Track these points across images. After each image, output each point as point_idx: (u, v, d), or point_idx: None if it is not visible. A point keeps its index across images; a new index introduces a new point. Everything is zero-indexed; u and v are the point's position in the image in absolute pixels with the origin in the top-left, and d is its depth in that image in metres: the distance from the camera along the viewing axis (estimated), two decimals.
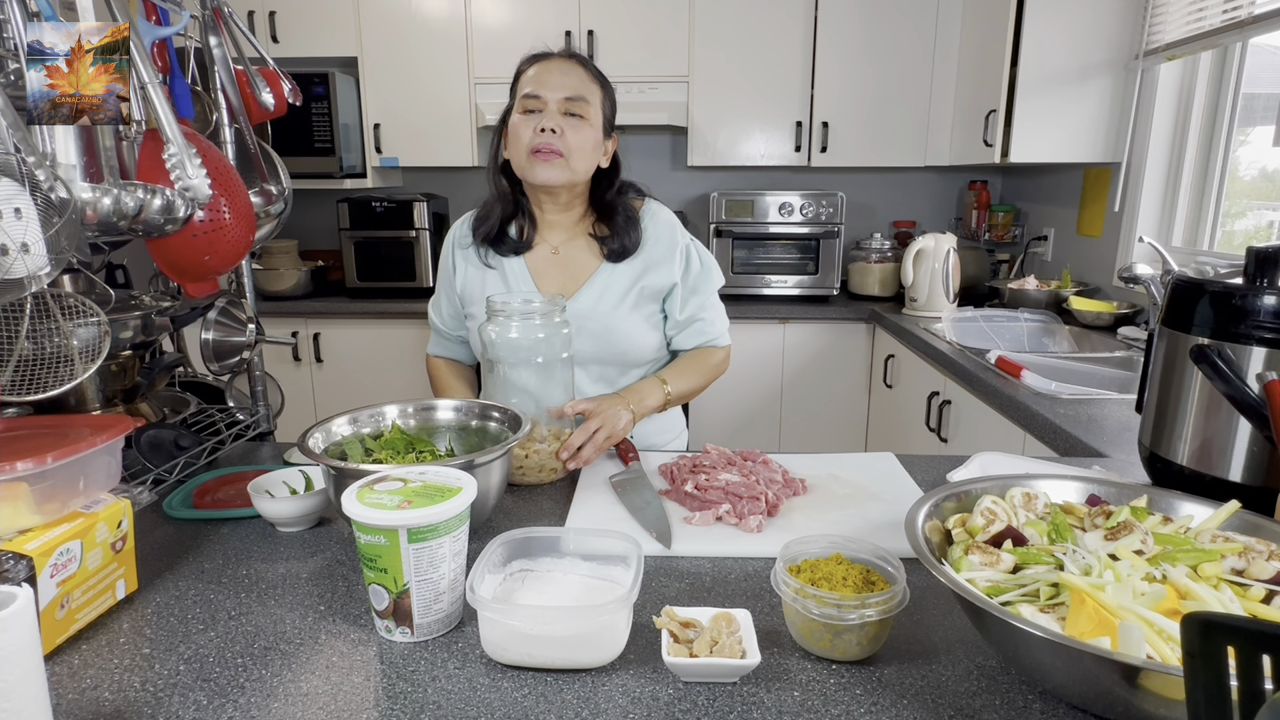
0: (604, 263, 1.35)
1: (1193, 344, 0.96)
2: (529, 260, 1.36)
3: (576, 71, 1.28)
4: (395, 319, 3.04)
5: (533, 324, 1.13)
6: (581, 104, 1.26)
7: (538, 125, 1.24)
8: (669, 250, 1.36)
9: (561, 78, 1.26)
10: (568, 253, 1.37)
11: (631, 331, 1.34)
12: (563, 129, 1.24)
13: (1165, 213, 2.47)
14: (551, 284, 1.35)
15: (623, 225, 1.34)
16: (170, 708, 0.65)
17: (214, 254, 1.09)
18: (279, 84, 1.31)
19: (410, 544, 0.70)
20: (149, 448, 1.08)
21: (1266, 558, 0.68)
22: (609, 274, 1.35)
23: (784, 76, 3.07)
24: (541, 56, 1.30)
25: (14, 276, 0.81)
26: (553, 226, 1.37)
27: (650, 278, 1.35)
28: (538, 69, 1.28)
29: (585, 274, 1.35)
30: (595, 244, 1.36)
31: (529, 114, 1.26)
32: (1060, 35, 2.47)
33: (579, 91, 1.26)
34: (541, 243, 1.37)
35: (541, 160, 1.25)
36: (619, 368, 1.37)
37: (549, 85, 1.25)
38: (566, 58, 1.30)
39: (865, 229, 3.43)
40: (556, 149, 1.24)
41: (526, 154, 1.25)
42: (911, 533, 0.73)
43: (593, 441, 1.14)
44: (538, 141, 1.24)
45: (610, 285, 1.34)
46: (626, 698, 0.66)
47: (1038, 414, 1.55)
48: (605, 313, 1.33)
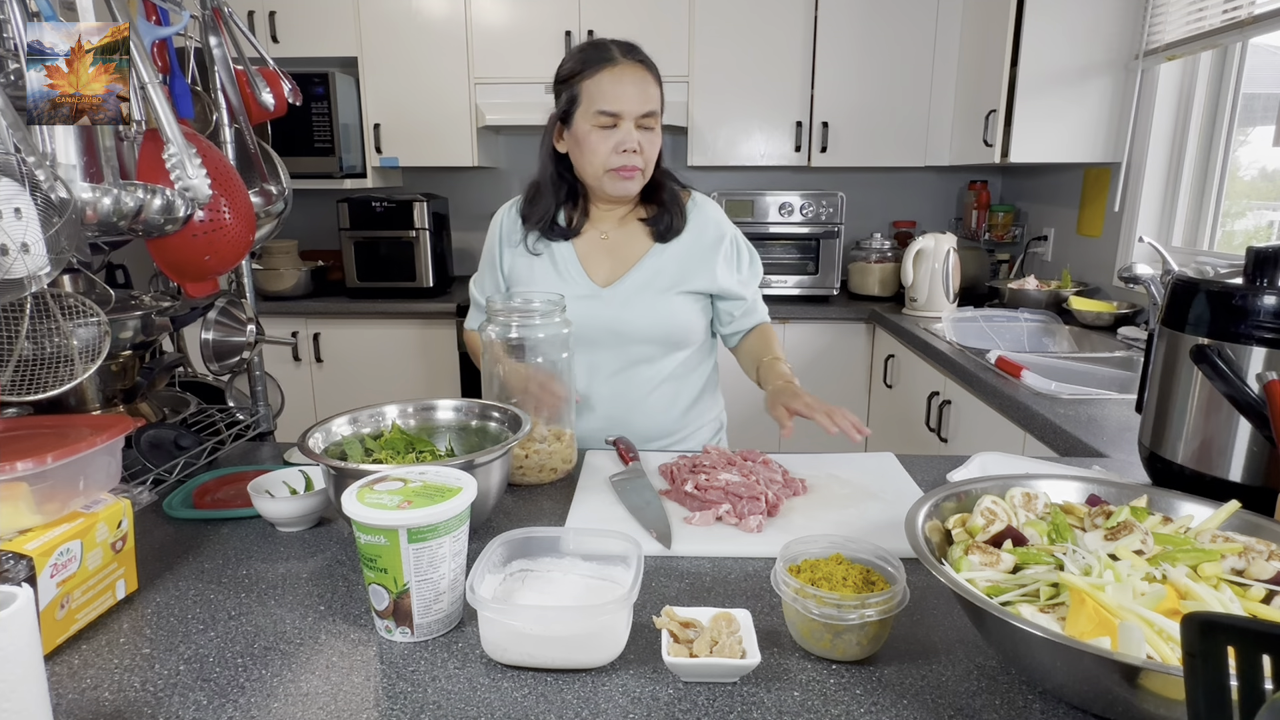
0: (653, 246, 1.37)
1: (1193, 344, 0.96)
2: (578, 246, 1.38)
3: (648, 81, 1.27)
4: (395, 319, 3.04)
5: (532, 324, 1.13)
6: (654, 116, 1.28)
7: (619, 145, 1.26)
8: (716, 240, 1.39)
9: (637, 90, 1.25)
10: (617, 238, 1.38)
11: (680, 313, 1.37)
12: (642, 145, 1.27)
13: (1165, 213, 2.47)
14: (600, 268, 1.37)
15: (668, 203, 1.37)
16: (170, 708, 0.65)
17: (214, 254, 1.09)
18: (279, 84, 1.31)
19: (410, 544, 0.70)
20: (149, 448, 1.08)
21: (1266, 558, 0.68)
22: (658, 258, 1.36)
23: (784, 76, 3.07)
24: (609, 60, 1.25)
25: (14, 276, 0.81)
26: (605, 216, 1.39)
27: (698, 266, 1.37)
28: (611, 80, 1.24)
29: (634, 257, 1.37)
30: (643, 227, 1.38)
31: (605, 129, 1.26)
32: (1060, 35, 2.47)
33: (652, 105, 1.27)
34: (591, 229, 1.39)
35: (623, 178, 1.28)
36: (664, 348, 1.38)
37: (626, 100, 1.24)
38: (636, 63, 1.27)
39: (865, 229, 3.42)
40: (638, 166, 1.27)
41: (604, 170, 1.28)
42: (911, 533, 0.73)
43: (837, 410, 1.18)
44: (620, 162, 1.26)
45: (660, 270, 1.36)
46: (626, 698, 0.66)
47: (1038, 414, 1.55)
48: (655, 294, 1.35)
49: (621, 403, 1.38)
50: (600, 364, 1.37)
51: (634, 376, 1.38)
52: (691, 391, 1.44)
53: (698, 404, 1.46)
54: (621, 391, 1.38)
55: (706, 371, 1.48)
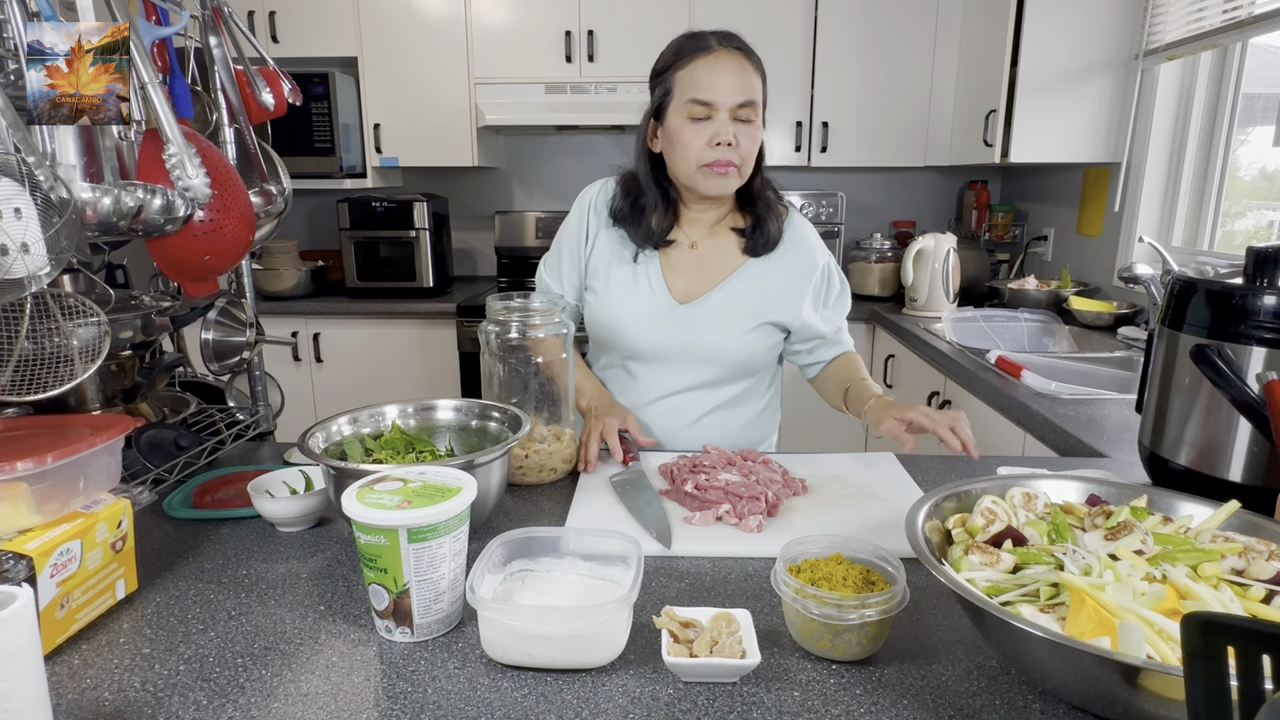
0: (744, 264, 1.30)
1: (1193, 344, 0.96)
2: (665, 256, 1.31)
3: (746, 69, 1.19)
4: (395, 319, 3.04)
5: (532, 324, 1.13)
6: (753, 108, 1.19)
7: (712, 138, 1.17)
8: (808, 271, 1.31)
9: (733, 79, 1.17)
10: (706, 250, 1.31)
11: (755, 344, 1.31)
12: (737, 139, 1.18)
13: (1165, 213, 2.47)
14: (682, 281, 1.30)
15: (764, 215, 1.29)
16: (170, 708, 0.65)
17: (214, 254, 1.09)
18: (279, 84, 1.31)
19: (410, 544, 0.70)
20: (149, 448, 1.08)
21: (1266, 558, 0.68)
22: (745, 281, 1.29)
23: (784, 76, 3.07)
24: (706, 47, 1.18)
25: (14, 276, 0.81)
26: (696, 222, 1.31)
27: (784, 299, 1.30)
28: (705, 67, 1.17)
29: (722, 274, 1.30)
30: (735, 239, 1.31)
31: (698, 121, 1.18)
32: (1060, 35, 2.47)
33: (751, 95, 1.18)
34: (681, 237, 1.32)
35: (717, 174, 1.19)
36: (729, 372, 1.33)
37: (721, 89, 1.16)
38: (734, 50, 1.19)
39: (865, 229, 3.42)
40: (733, 161, 1.19)
41: (697, 166, 1.19)
42: (911, 533, 0.73)
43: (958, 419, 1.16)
44: (713, 156, 1.18)
45: (744, 296, 1.29)
46: (626, 698, 0.66)
47: (1038, 414, 1.55)
48: (734, 322, 1.29)
49: (674, 420, 1.33)
50: (661, 379, 1.32)
51: (693, 398, 1.33)
52: (747, 417, 1.39)
53: (753, 430, 1.40)
54: (677, 410, 1.33)
55: (767, 398, 1.42)
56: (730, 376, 1.33)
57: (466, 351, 3.01)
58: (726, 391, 1.35)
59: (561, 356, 1.15)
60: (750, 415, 1.39)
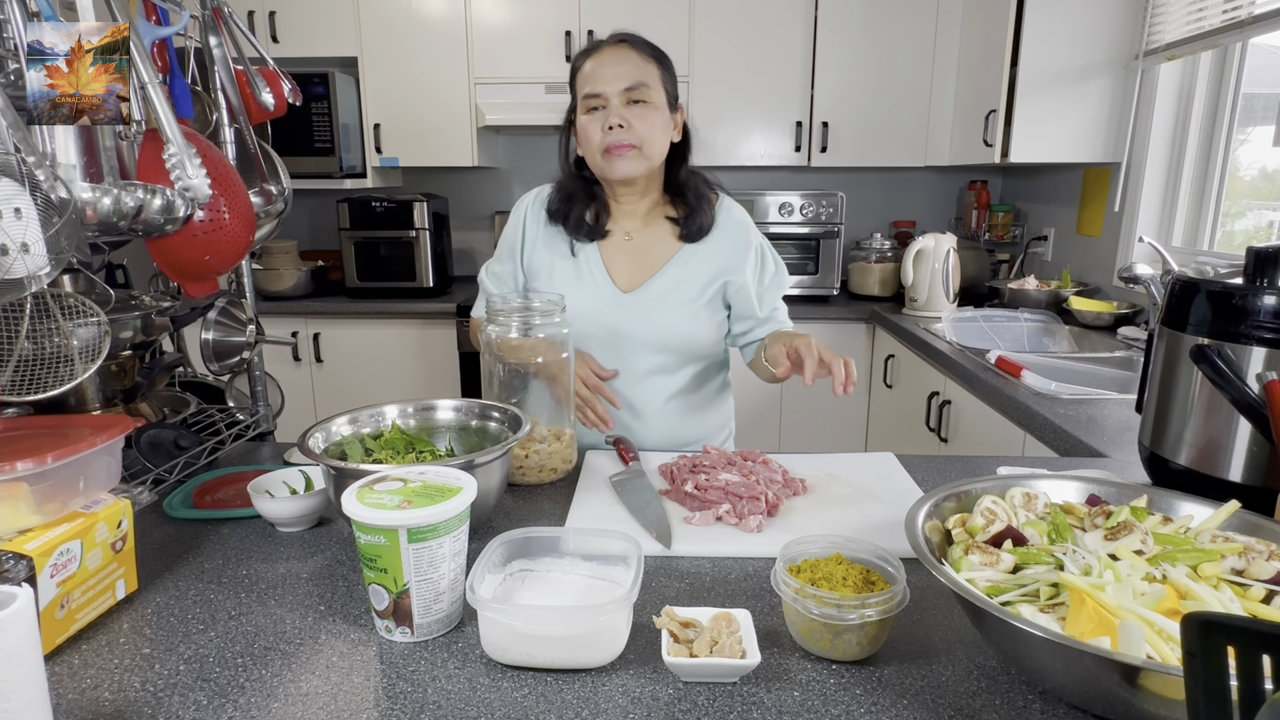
0: (680, 249, 1.35)
1: (1193, 344, 0.96)
2: (603, 248, 1.36)
3: (630, 56, 1.27)
4: (395, 319, 3.04)
5: (533, 324, 1.13)
6: (643, 90, 1.25)
7: (604, 123, 1.24)
8: (743, 249, 1.37)
9: (616, 68, 1.25)
10: (641, 240, 1.36)
11: (700, 327, 1.35)
12: (629, 121, 1.24)
13: (1165, 213, 2.47)
14: (624, 271, 1.35)
15: (695, 203, 1.35)
16: (170, 708, 0.65)
17: (214, 254, 1.09)
18: (279, 84, 1.31)
19: (410, 544, 0.70)
20: (149, 448, 1.08)
21: (1266, 558, 0.68)
22: (683, 266, 1.34)
23: (784, 76, 3.07)
24: (593, 49, 1.29)
25: (14, 276, 0.81)
26: (628, 214, 1.37)
27: (721, 274, 1.35)
28: (592, 64, 1.27)
29: (660, 261, 1.35)
30: (670, 227, 1.36)
31: (593, 111, 1.26)
32: (1060, 35, 2.47)
33: (637, 78, 1.25)
34: (616, 229, 1.37)
35: (616, 156, 1.25)
36: (680, 358, 1.37)
37: (606, 79, 1.24)
38: (617, 44, 1.29)
39: (865, 229, 3.42)
40: (628, 142, 1.24)
41: (600, 153, 1.26)
42: (911, 533, 0.73)
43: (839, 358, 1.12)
44: (609, 140, 1.24)
45: (684, 279, 1.34)
46: (626, 698, 0.66)
47: (1038, 414, 1.55)
48: (677, 305, 1.33)
49: (632, 411, 1.36)
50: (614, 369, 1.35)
51: (648, 385, 1.36)
52: (703, 402, 1.43)
53: (709, 414, 1.44)
54: (634, 400, 1.36)
55: (720, 382, 1.46)
56: (681, 361, 1.37)
57: (466, 351, 3.01)
58: (680, 378, 1.38)
59: (562, 356, 1.15)
60: (710, 397, 1.44)
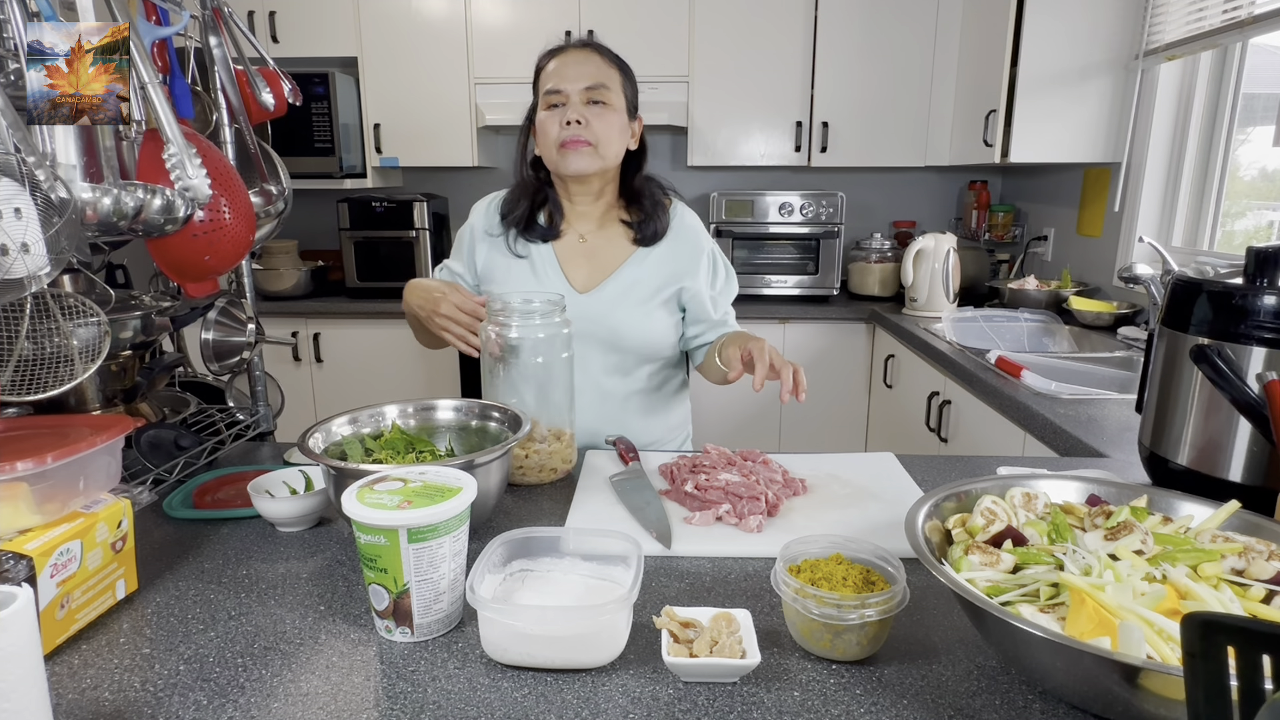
0: (634, 252, 1.37)
1: (1193, 344, 0.96)
2: (557, 249, 1.38)
3: (593, 59, 1.30)
4: (395, 319, 3.03)
5: (533, 324, 1.13)
6: (603, 90, 1.28)
7: (563, 119, 1.27)
8: (695, 254, 1.40)
9: (579, 68, 1.28)
10: (596, 242, 1.38)
11: (656, 327, 1.37)
12: (588, 119, 1.27)
13: (1165, 213, 2.47)
14: (579, 272, 1.37)
15: (651, 209, 1.38)
16: (170, 708, 0.65)
17: (214, 254, 1.09)
18: (279, 84, 1.31)
19: (410, 544, 0.70)
20: (149, 448, 1.08)
21: (1266, 558, 0.68)
22: (637, 268, 1.37)
23: (784, 76, 3.07)
24: (557, 50, 1.32)
25: (14, 276, 0.81)
26: (583, 216, 1.39)
27: (676, 279, 1.37)
28: (555, 63, 1.30)
29: (614, 264, 1.37)
30: (625, 230, 1.39)
31: (553, 108, 1.29)
32: (1060, 35, 2.47)
33: (598, 79, 1.28)
34: (570, 231, 1.39)
35: (571, 151, 1.27)
36: (636, 359, 1.38)
37: (568, 77, 1.28)
38: (581, 47, 1.32)
39: (865, 229, 3.42)
40: (584, 139, 1.27)
41: (555, 148, 1.28)
42: (911, 533, 0.73)
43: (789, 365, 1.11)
44: (565, 135, 1.27)
45: (639, 280, 1.36)
46: (626, 698, 0.66)
47: (1038, 414, 1.55)
48: (632, 306, 1.35)
49: (591, 413, 1.36)
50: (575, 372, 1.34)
51: (606, 386, 1.37)
52: (661, 402, 1.44)
53: (666, 415, 1.45)
54: (593, 402, 1.36)
55: (678, 383, 1.48)
56: (637, 361, 1.38)
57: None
58: (636, 378, 1.39)
59: (562, 356, 1.15)
60: (663, 401, 1.45)
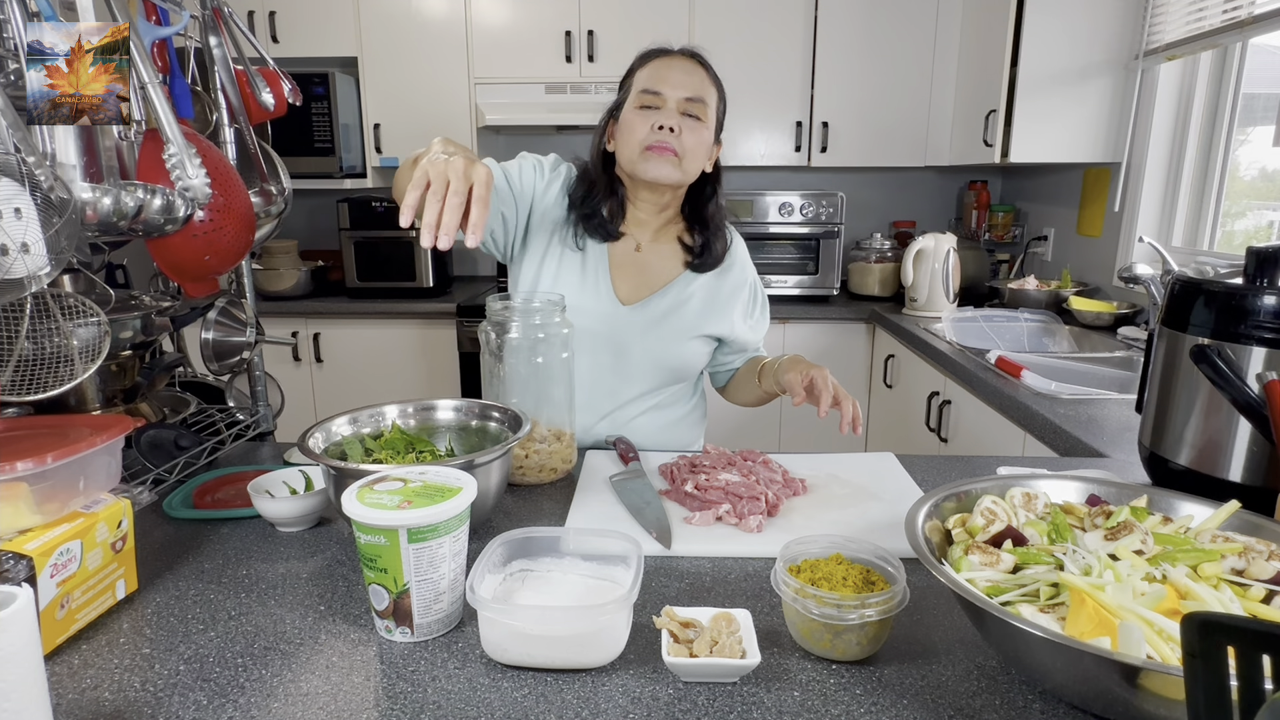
0: (683, 273, 1.35)
1: (1193, 344, 0.96)
2: (611, 252, 1.35)
3: (698, 72, 1.27)
4: (395, 319, 3.04)
5: (533, 324, 1.13)
6: (700, 105, 1.25)
7: (655, 122, 1.23)
8: (739, 287, 1.39)
9: (684, 76, 1.25)
10: (649, 254, 1.36)
11: (690, 354, 1.36)
12: (680, 128, 1.23)
13: (1165, 213, 2.47)
14: (628, 281, 1.34)
15: (714, 236, 1.35)
16: (170, 708, 0.65)
17: (214, 254, 1.09)
18: (279, 84, 1.31)
19: (410, 544, 0.70)
20: (149, 448, 1.08)
21: (1266, 558, 0.68)
22: (685, 291, 1.34)
23: (784, 76, 3.07)
24: (663, 52, 1.29)
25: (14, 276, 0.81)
26: (642, 224, 1.35)
27: (720, 312, 1.36)
28: (659, 65, 1.27)
29: (663, 279, 1.35)
30: (680, 250, 1.36)
31: (646, 109, 1.25)
32: (1060, 35, 2.47)
33: (699, 92, 1.25)
34: (626, 236, 1.36)
35: (656, 155, 1.24)
36: (664, 376, 1.36)
37: (670, 83, 1.24)
38: (689, 57, 1.28)
39: (865, 229, 3.43)
40: (672, 147, 1.23)
41: (640, 149, 1.24)
42: (911, 533, 0.73)
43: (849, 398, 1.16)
44: (655, 139, 1.23)
45: (684, 306, 1.34)
46: (626, 698, 0.66)
47: (1038, 414, 1.55)
48: (670, 329, 1.33)
49: (605, 421, 1.35)
50: (594, 377, 1.33)
51: (622, 396, 1.35)
52: (674, 419, 1.42)
53: (680, 432, 1.44)
54: (608, 410, 1.35)
55: (693, 402, 1.47)
56: (665, 379, 1.37)
57: (466, 351, 3.01)
58: (658, 395, 1.38)
59: (562, 356, 1.15)
60: (680, 414, 1.44)
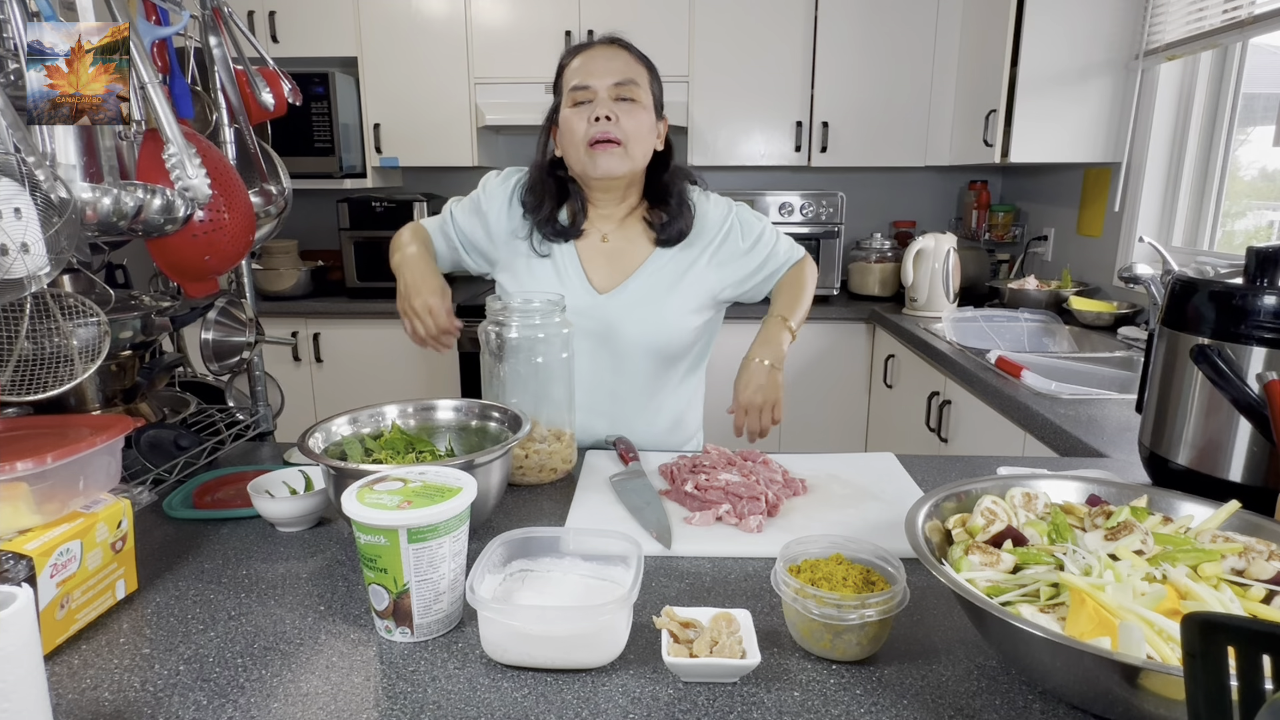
0: (654, 252, 1.34)
1: (1193, 344, 0.96)
2: (579, 247, 1.34)
3: (621, 56, 1.26)
4: (395, 319, 3.00)
5: (532, 324, 1.13)
6: (632, 87, 1.23)
7: (591, 115, 1.21)
8: (717, 231, 1.35)
9: (608, 63, 1.23)
10: (617, 241, 1.35)
11: (678, 325, 1.34)
12: (617, 115, 1.21)
13: (1165, 213, 2.47)
14: (600, 270, 1.34)
15: (676, 209, 1.32)
16: (170, 708, 0.65)
17: (214, 254, 1.09)
18: (279, 84, 1.31)
19: (410, 544, 0.70)
20: (149, 448, 1.08)
21: (1266, 558, 0.68)
22: (659, 262, 1.33)
23: (784, 76, 3.07)
24: (584, 46, 1.28)
25: (14, 276, 0.81)
26: (606, 218, 1.35)
27: (700, 274, 1.34)
28: (582, 59, 1.25)
29: (635, 262, 1.34)
30: (647, 229, 1.34)
31: (580, 105, 1.23)
32: (1060, 35, 2.47)
33: (628, 75, 1.23)
34: (592, 230, 1.35)
35: (601, 151, 1.22)
36: (658, 361, 1.35)
37: (596, 73, 1.22)
38: (610, 43, 1.28)
39: (865, 229, 3.43)
40: (614, 137, 1.22)
41: (584, 147, 1.23)
42: (911, 533, 0.73)
43: (763, 422, 1.18)
44: (594, 131, 1.21)
45: (659, 274, 1.33)
46: (626, 698, 0.66)
47: (1038, 414, 1.55)
48: (654, 302, 1.32)
49: (606, 417, 1.35)
50: (590, 373, 1.32)
51: (621, 389, 1.35)
52: (677, 407, 1.42)
53: (683, 421, 1.44)
54: (608, 405, 1.35)
55: (694, 386, 1.46)
56: (657, 364, 1.36)
57: (466, 351, 3.01)
58: (656, 381, 1.37)
59: (562, 356, 1.15)
60: (683, 402, 1.43)
